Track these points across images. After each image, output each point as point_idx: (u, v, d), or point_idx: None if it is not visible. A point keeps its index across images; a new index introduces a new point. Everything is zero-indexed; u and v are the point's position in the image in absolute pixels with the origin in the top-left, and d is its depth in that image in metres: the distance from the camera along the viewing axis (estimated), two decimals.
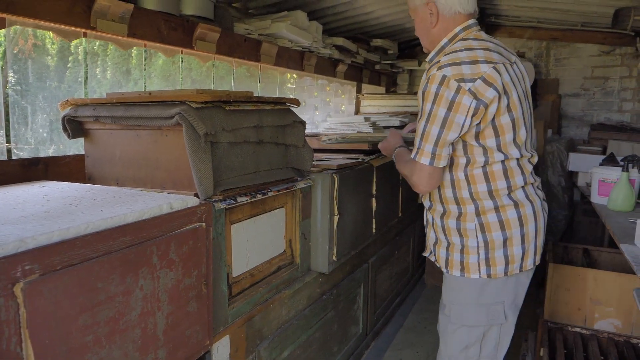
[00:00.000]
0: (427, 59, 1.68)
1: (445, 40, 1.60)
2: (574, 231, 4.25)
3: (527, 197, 1.60)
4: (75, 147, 1.95)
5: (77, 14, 1.73)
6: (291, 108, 1.91)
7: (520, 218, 1.58)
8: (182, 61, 2.61)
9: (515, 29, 4.55)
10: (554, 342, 2.42)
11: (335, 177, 2.03)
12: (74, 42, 1.96)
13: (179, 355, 1.27)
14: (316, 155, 2.27)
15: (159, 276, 1.19)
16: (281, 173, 1.85)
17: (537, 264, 1.67)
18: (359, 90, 4.52)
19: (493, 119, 1.48)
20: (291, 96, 4.17)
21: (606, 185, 2.71)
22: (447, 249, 1.68)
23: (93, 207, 1.19)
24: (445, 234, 1.68)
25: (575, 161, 3.88)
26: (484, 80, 1.43)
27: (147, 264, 1.15)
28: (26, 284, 0.89)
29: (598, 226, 3.90)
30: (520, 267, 1.61)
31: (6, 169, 1.62)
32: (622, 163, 2.54)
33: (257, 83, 3.22)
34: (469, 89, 1.42)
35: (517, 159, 1.57)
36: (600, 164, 3.10)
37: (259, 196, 1.64)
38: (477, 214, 1.59)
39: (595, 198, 2.75)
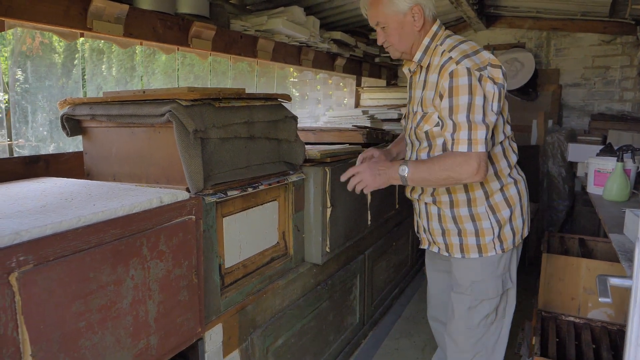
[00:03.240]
0: (414, 59, 1.71)
1: (427, 39, 1.67)
2: (574, 221, 4.26)
3: (518, 173, 1.80)
4: (75, 144, 2.02)
5: (74, 16, 1.79)
6: (283, 103, 1.96)
7: (518, 192, 1.76)
8: (180, 58, 2.67)
9: (515, 19, 4.54)
10: (547, 331, 2.46)
11: (327, 170, 2.08)
12: (80, 39, 2.01)
13: (170, 341, 1.34)
14: (314, 147, 2.31)
15: (149, 266, 1.25)
16: (273, 167, 1.90)
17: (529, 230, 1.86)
18: (359, 84, 4.55)
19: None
20: (293, 90, 4.23)
21: (602, 175, 2.73)
22: (459, 235, 1.77)
23: (87, 202, 1.26)
24: (456, 223, 1.76)
25: (575, 151, 3.89)
26: (492, 65, 1.55)
27: (138, 255, 1.21)
28: (21, 273, 0.96)
29: (597, 216, 3.91)
30: (522, 236, 1.80)
31: (8, 166, 1.69)
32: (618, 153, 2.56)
33: (256, 78, 3.27)
34: (488, 76, 1.52)
35: (509, 137, 1.73)
36: (598, 154, 3.11)
37: (250, 190, 1.70)
38: (486, 197, 1.71)
39: (592, 188, 2.77)
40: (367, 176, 1.66)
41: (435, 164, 1.58)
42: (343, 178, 1.74)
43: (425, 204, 1.84)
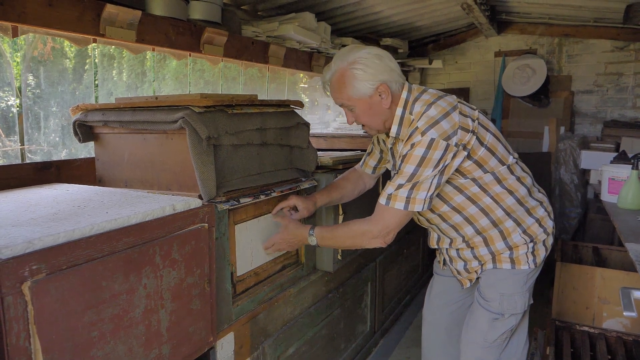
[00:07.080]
0: (391, 134, 1.63)
1: (399, 109, 1.58)
2: (586, 229, 4.20)
3: (539, 191, 1.76)
4: (87, 150, 2.01)
5: (87, 21, 1.79)
6: (295, 110, 1.94)
7: (546, 211, 1.74)
8: (191, 63, 2.67)
9: (527, 25, 4.51)
10: (561, 341, 2.42)
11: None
12: (92, 45, 2.00)
13: (182, 351, 1.32)
14: (325, 153, 2.30)
15: (161, 275, 1.23)
16: (285, 174, 1.88)
17: None
18: None
19: (480, 143, 1.55)
20: (303, 96, 4.22)
21: (616, 183, 2.69)
22: (492, 253, 1.72)
23: (99, 209, 1.25)
24: (493, 256, 1.72)
25: (588, 159, 3.85)
26: (462, 129, 1.49)
27: (150, 264, 1.20)
28: (33, 282, 0.94)
29: (610, 224, 3.85)
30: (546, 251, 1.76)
31: (20, 172, 1.69)
32: (633, 161, 2.52)
33: (267, 84, 3.27)
34: (455, 144, 1.47)
35: (516, 161, 1.68)
36: (611, 162, 3.07)
37: (262, 197, 1.68)
38: (518, 224, 1.67)
39: (605, 196, 2.73)
40: (285, 246, 1.78)
41: (340, 232, 1.66)
42: (263, 248, 1.79)
43: (457, 250, 1.80)
